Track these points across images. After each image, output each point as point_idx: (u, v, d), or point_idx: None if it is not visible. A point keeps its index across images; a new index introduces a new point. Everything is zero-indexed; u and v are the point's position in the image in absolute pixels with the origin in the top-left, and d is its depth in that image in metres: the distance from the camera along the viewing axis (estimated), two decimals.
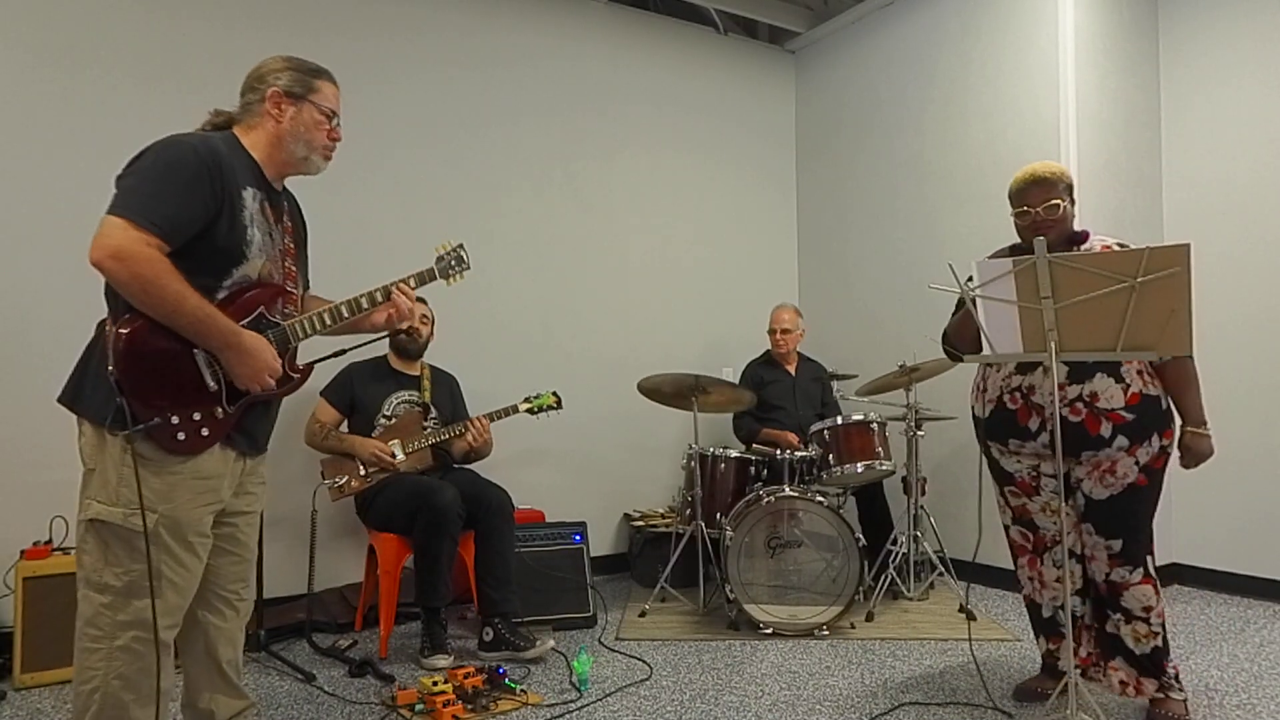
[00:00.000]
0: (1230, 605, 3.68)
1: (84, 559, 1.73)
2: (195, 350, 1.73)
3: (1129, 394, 2.36)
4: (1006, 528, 2.69)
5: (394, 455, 3.29)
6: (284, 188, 1.99)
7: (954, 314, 2.67)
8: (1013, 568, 2.70)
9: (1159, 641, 2.41)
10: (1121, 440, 2.36)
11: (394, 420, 3.41)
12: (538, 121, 4.40)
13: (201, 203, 1.70)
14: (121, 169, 1.72)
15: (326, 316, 1.95)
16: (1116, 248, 2.38)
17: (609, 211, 4.62)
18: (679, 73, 4.87)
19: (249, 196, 1.81)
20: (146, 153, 1.71)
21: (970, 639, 3.17)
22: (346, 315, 1.99)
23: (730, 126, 5.05)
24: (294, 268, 1.96)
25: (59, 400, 1.76)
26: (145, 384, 1.68)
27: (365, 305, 2.01)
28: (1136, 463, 2.38)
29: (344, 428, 3.42)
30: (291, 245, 1.97)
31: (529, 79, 4.38)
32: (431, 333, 3.58)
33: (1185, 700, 2.44)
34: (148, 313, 1.67)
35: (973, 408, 2.67)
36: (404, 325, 2.13)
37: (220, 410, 1.79)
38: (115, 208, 1.65)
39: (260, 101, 1.88)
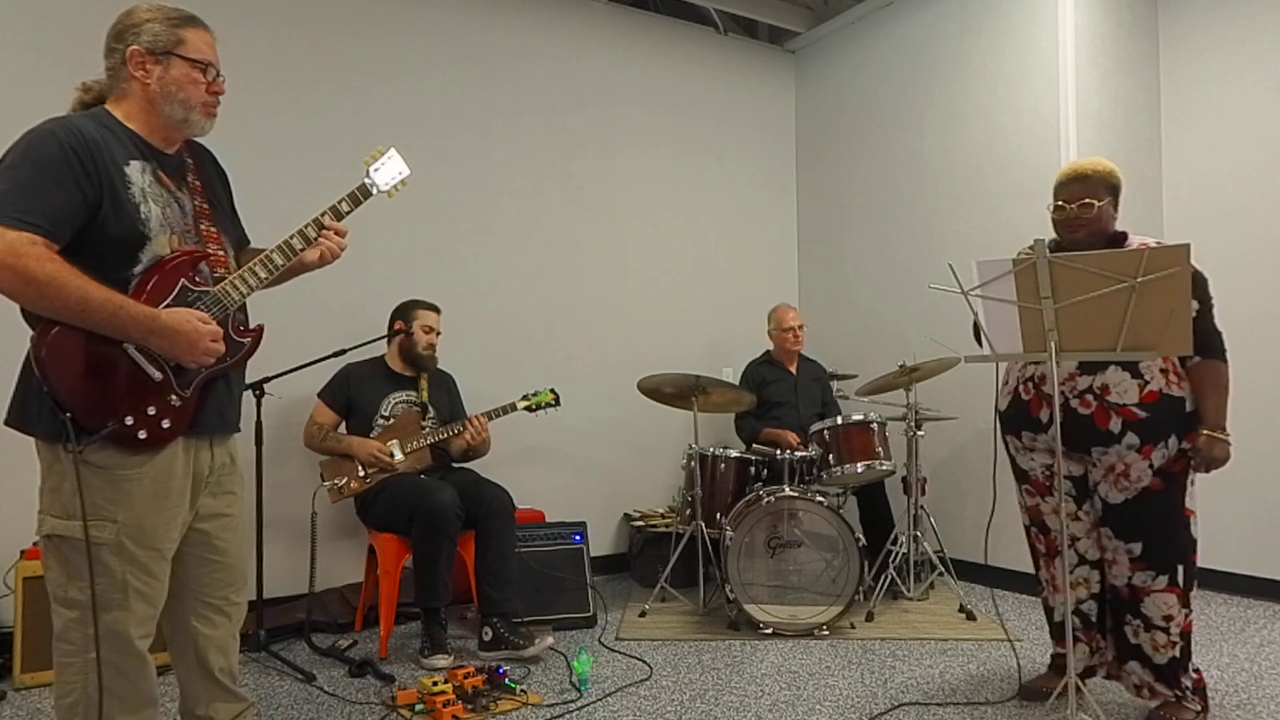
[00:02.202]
0: (1230, 605, 3.68)
1: (48, 574, 1.66)
2: (125, 344, 1.63)
3: (1145, 391, 2.31)
4: (1027, 529, 2.65)
5: (392, 455, 3.29)
6: (188, 146, 1.85)
7: None
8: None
9: (1176, 652, 2.35)
10: (1131, 438, 2.31)
11: (392, 420, 3.41)
12: (538, 121, 4.40)
13: (78, 189, 1.58)
14: None
15: (259, 269, 1.80)
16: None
17: (609, 211, 4.62)
18: (679, 73, 4.86)
19: (134, 171, 1.67)
20: (8, 152, 1.60)
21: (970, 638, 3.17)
22: (281, 262, 1.83)
23: (730, 126, 5.05)
24: (213, 229, 1.81)
25: (5, 422, 1.67)
26: (85, 393, 1.58)
27: (299, 246, 1.86)
28: (1150, 465, 2.32)
29: (342, 429, 3.41)
30: (206, 206, 1.82)
31: (529, 79, 4.38)
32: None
33: (1200, 713, 2.36)
34: (53, 317, 1.56)
35: (996, 402, 2.63)
36: (334, 258, 1.93)
37: (175, 397, 1.69)
38: None
39: (122, 64, 1.71)
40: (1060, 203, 2.40)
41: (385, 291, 3.66)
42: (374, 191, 1.99)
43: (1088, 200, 2.35)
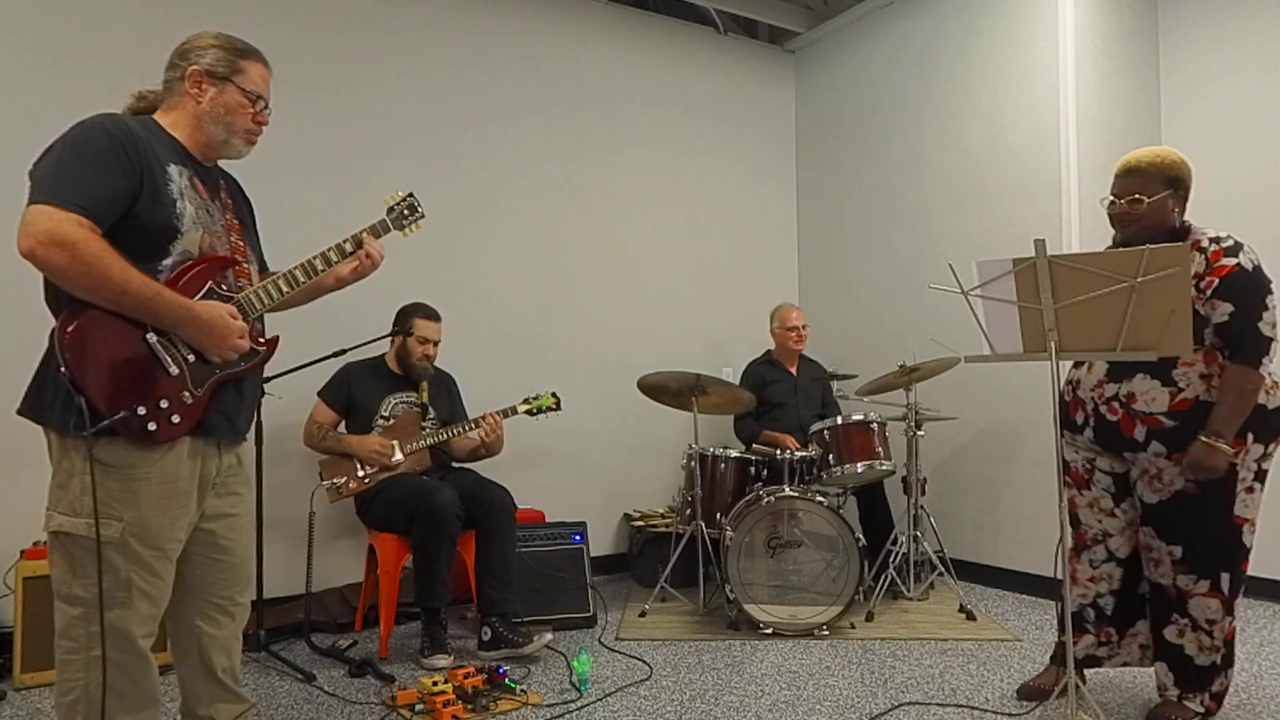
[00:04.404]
0: None
1: (53, 571, 1.68)
2: (148, 335, 1.67)
3: (1177, 399, 2.24)
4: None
5: (392, 454, 3.29)
6: (217, 166, 1.93)
7: None
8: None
9: (1218, 658, 2.32)
10: (1157, 447, 2.27)
11: (392, 421, 3.41)
12: (538, 121, 4.40)
13: (123, 176, 1.65)
14: (34, 162, 1.66)
15: (282, 283, 1.89)
16: (1224, 243, 2.25)
17: (609, 211, 4.62)
18: (679, 73, 4.86)
19: (174, 172, 1.75)
20: (57, 142, 1.66)
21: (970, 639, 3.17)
22: (303, 279, 1.92)
23: (730, 126, 5.05)
24: (241, 243, 1.90)
25: (19, 412, 1.70)
26: (102, 378, 1.62)
27: (321, 266, 1.95)
28: (1182, 472, 2.27)
29: (341, 428, 3.41)
30: (235, 221, 1.91)
31: (529, 79, 4.38)
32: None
33: (1201, 714, 2.34)
34: (91, 298, 1.61)
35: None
36: (369, 273, 2.05)
37: (188, 394, 1.73)
38: (36, 197, 1.59)
39: (180, 80, 1.81)
40: (1112, 197, 2.33)
41: (385, 292, 3.65)
42: (391, 229, 2.14)
43: (1138, 196, 2.27)
